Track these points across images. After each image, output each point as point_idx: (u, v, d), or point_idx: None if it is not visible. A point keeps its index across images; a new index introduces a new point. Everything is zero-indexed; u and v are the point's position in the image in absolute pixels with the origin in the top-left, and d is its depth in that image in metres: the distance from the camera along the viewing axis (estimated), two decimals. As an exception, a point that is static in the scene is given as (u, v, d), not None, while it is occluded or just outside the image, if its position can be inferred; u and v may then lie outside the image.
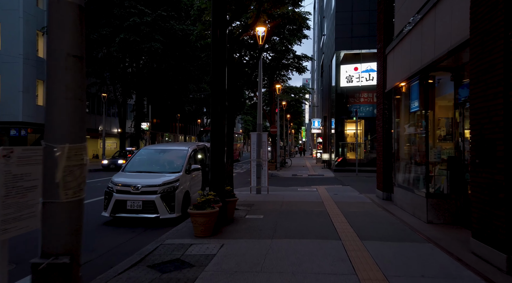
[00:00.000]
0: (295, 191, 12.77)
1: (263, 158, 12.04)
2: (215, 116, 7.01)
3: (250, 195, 11.47)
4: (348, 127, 26.55)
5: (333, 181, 17.51)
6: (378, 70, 11.12)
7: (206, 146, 10.71)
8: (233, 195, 7.80)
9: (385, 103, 10.37)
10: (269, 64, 25.66)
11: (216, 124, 7.02)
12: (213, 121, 7.03)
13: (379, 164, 10.85)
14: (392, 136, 10.00)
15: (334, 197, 10.91)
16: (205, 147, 10.72)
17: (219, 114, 7.01)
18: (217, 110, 7.01)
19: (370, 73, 24.03)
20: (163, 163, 9.05)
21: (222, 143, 7.11)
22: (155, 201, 7.67)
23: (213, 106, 7.02)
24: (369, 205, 9.44)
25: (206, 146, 10.71)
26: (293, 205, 9.51)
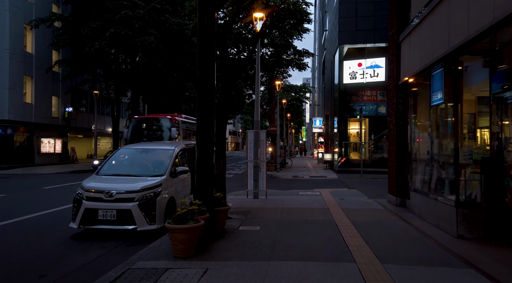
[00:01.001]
0: (297, 195, 11.58)
1: (261, 158, 10.84)
2: (202, 113, 5.84)
3: (246, 200, 10.27)
4: (352, 126, 25.36)
5: (337, 183, 16.31)
6: (389, 60, 9.92)
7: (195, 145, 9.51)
8: (224, 203, 6.60)
9: (398, 97, 9.17)
10: (269, 60, 24.48)
11: (203, 122, 5.84)
12: (200, 118, 5.86)
13: (391, 165, 9.65)
14: (408, 135, 8.80)
15: (340, 203, 9.72)
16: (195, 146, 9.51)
17: (206, 112, 5.84)
18: (205, 107, 5.84)
19: (375, 69, 22.84)
20: (145, 165, 7.85)
21: (210, 142, 5.92)
22: (132, 210, 6.47)
23: (200, 102, 5.85)
24: (382, 213, 8.24)
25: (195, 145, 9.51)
26: (295, 212, 8.31)
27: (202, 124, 5.84)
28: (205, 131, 5.84)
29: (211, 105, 5.88)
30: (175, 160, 7.82)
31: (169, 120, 17.22)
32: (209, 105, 5.86)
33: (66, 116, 28.35)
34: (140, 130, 17.03)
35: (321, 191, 12.39)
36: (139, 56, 27.71)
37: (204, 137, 5.86)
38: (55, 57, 26.94)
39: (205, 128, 5.84)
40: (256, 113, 10.83)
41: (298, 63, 25.75)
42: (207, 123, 5.84)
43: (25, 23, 23.91)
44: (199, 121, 5.90)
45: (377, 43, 21.71)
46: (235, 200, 10.36)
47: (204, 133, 5.84)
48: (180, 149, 8.28)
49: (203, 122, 5.84)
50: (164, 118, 17.48)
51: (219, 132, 7.70)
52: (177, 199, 7.53)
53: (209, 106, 5.85)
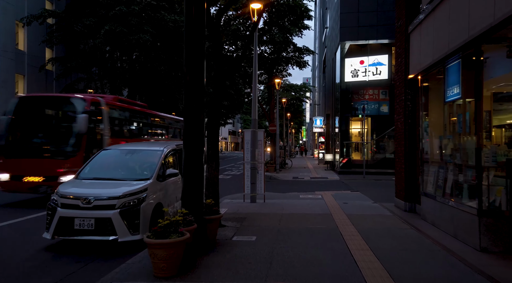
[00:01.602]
0: (297, 198, 10.86)
1: (258, 159, 10.13)
2: (190, 112, 5.14)
3: (242, 205, 9.56)
4: (353, 126, 24.63)
5: (339, 185, 15.59)
6: (397, 54, 9.20)
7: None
8: (215, 211, 5.88)
9: (407, 93, 8.45)
10: (268, 58, 23.76)
11: (191, 122, 5.14)
12: (188, 117, 5.16)
13: (399, 167, 8.94)
14: (418, 134, 8.08)
15: (344, 207, 9.00)
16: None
17: (195, 110, 5.13)
18: (193, 105, 5.13)
19: (377, 67, 22.13)
20: (130, 168, 7.13)
21: (199, 143, 5.20)
22: (113, 218, 5.75)
23: (188, 101, 5.15)
24: (390, 220, 7.52)
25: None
26: (295, 219, 7.60)
27: (190, 123, 5.14)
28: (193, 131, 5.14)
29: (200, 103, 5.17)
30: (164, 162, 7.11)
31: (78, 102, 10.36)
32: (198, 103, 5.16)
33: (60, 116, 27.60)
34: (27, 118, 10.61)
35: (323, 194, 11.68)
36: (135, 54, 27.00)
37: (191, 138, 5.15)
38: (48, 55, 26.20)
39: (193, 128, 5.13)
40: (254, 111, 10.12)
41: (298, 61, 25.02)
42: (196, 122, 5.14)
43: (16, 20, 23.19)
44: (186, 121, 5.20)
45: (380, 40, 20.99)
46: (231, 204, 9.65)
47: (192, 133, 5.14)
48: (170, 150, 7.56)
49: (191, 121, 5.13)
50: (70, 99, 10.67)
51: (211, 132, 7.00)
52: (166, 205, 6.82)
53: (198, 105, 5.15)
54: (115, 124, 12.70)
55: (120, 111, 13.23)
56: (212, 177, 6.92)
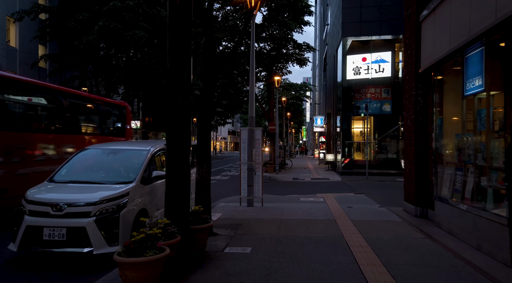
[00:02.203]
0: (297, 201, 10.14)
1: (256, 160, 9.40)
2: (174, 110, 4.44)
3: (238, 209, 8.83)
4: (355, 125, 23.93)
5: (342, 186, 14.86)
6: (406, 45, 8.47)
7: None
8: (205, 219, 5.14)
9: (418, 88, 7.72)
10: (267, 55, 23.01)
11: (175, 120, 4.44)
12: (171, 116, 4.46)
13: (408, 168, 8.21)
14: (431, 132, 7.36)
15: (348, 212, 8.28)
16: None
17: (180, 108, 4.43)
18: (177, 102, 4.43)
19: (380, 64, 21.42)
20: (111, 169, 6.40)
21: (184, 143, 4.49)
22: (87, 227, 5.03)
23: (171, 98, 4.47)
24: (401, 227, 6.79)
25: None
26: (296, 226, 6.87)
27: (174, 122, 4.43)
28: (178, 131, 4.44)
29: (185, 101, 4.47)
30: (150, 163, 6.38)
31: None
32: (184, 100, 4.46)
33: (54, 114, 26.85)
34: None
35: (325, 197, 10.96)
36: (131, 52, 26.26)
37: (175, 138, 4.44)
38: (41, 52, 25.47)
39: (178, 127, 4.43)
40: (251, 108, 9.39)
41: (298, 58, 24.28)
42: (181, 121, 4.44)
43: (7, 16, 22.45)
44: (169, 119, 4.50)
45: (383, 36, 20.26)
46: (226, 208, 8.92)
47: (176, 132, 4.43)
48: (157, 150, 6.83)
49: (174, 120, 4.43)
50: None
51: (202, 131, 6.27)
52: (153, 211, 6.09)
53: (183, 102, 4.45)
54: None
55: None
56: (203, 179, 6.19)
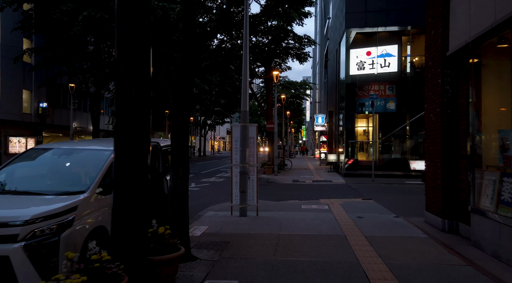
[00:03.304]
0: (298, 209, 8.76)
1: (250, 161, 8.03)
2: (125, 105, 3.12)
3: (229, 219, 7.45)
4: (359, 123, 22.60)
5: (346, 190, 13.49)
6: (429, 25, 7.09)
7: (158, 145, 6.73)
8: (172, 246, 3.75)
9: (446, 75, 6.35)
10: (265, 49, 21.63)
11: (127, 117, 3.11)
12: (121, 111, 3.12)
13: (432, 172, 6.84)
14: (464, 128, 5.98)
15: (360, 224, 6.91)
16: (157, 146, 6.73)
17: (134, 105, 3.12)
18: (130, 93, 3.10)
19: (386, 59, 20.05)
20: (61, 175, 5.01)
21: (139, 145, 3.16)
22: (12, 257, 3.65)
23: (123, 91, 3.13)
24: (429, 247, 5.41)
25: (158, 145, 6.73)
26: (297, 245, 5.50)
27: (124, 119, 3.10)
28: (130, 130, 3.12)
29: (141, 94, 3.13)
30: (111, 166, 4.99)
31: None
32: (140, 94, 3.12)
33: (40, 112, 25.44)
34: None
35: (330, 203, 9.58)
36: None
37: (125, 138, 3.10)
38: (27, 46, 24.07)
39: (129, 125, 3.12)
40: (244, 101, 8.01)
41: (298, 54, 22.91)
42: (135, 118, 3.10)
43: (-12, 7, 21.08)
44: (119, 116, 3.15)
45: (390, 27, 18.88)
46: (215, 218, 7.55)
47: (126, 132, 3.11)
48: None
49: (125, 117, 3.09)
50: None
51: (178, 128, 4.89)
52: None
53: (138, 94, 3.11)
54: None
55: None
56: (179, 188, 4.81)
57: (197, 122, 52.09)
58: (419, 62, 20.79)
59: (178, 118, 4.85)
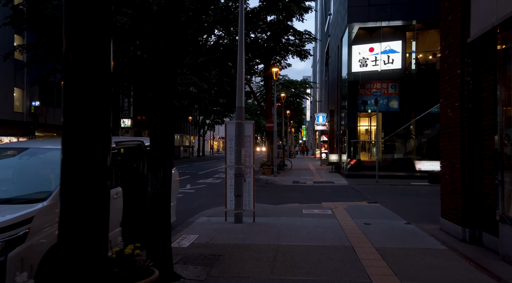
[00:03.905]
0: (299, 214, 8.02)
1: (246, 162, 7.30)
2: (75, 100, 2.38)
3: (222, 227, 6.71)
4: (362, 122, 21.88)
5: (350, 192, 12.75)
6: (445, 10, 6.35)
7: (142, 144, 6.01)
8: (144, 269, 3.01)
9: (467, 65, 5.61)
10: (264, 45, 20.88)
11: (75, 116, 2.38)
12: (70, 106, 2.39)
13: (449, 174, 6.10)
14: (489, 124, 5.24)
15: (368, 233, 6.17)
16: (141, 145, 6.01)
17: (87, 101, 2.38)
18: (82, 88, 2.39)
19: (389, 55, 19.32)
20: (18, 180, 4.29)
21: (99, 146, 2.42)
22: None
23: (71, 81, 2.39)
24: (452, 262, 4.67)
25: (142, 144, 6.01)
26: (298, 260, 4.76)
27: (74, 118, 2.37)
28: (81, 129, 2.37)
29: (98, 90, 2.40)
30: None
31: None
32: (95, 89, 2.39)
33: (33, 111, 24.68)
34: None
35: (333, 207, 8.85)
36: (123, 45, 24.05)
37: (76, 138, 2.37)
38: (18, 43, 23.33)
39: (81, 123, 2.36)
40: (239, 96, 7.25)
41: (298, 50, 22.17)
42: (87, 116, 2.36)
43: (-23, 1, 20.34)
44: (68, 114, 2.42)
45: (394, 21, 18.14)
46: (207, 225, 6.81)
47: (76, 131, 2.36)
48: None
49: (75, 115, 2.36)
50: None
51: (158, 124, 4.14)
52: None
53: (93, 89, 2.39)
54: None
55: None
56: (158, 194, 4.06)
57: (196, 122, 51.39)
58: (424, 59, 20.08)
59: (158, 112, 4.11)
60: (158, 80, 4.11)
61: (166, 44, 4.15)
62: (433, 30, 19.80)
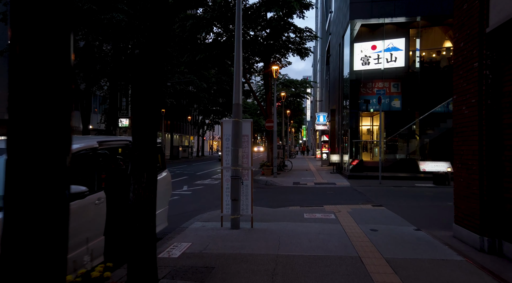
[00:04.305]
0: (300, 219, 7.52)
1: (243, 164, 6.80)
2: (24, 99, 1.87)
3: (218, 233, 6.21)
4: (364, 122, 21.40)
5: (353, 194, 12.25)
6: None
7: (130, 144, 5.51)
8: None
9: (485, 57, 5.11)
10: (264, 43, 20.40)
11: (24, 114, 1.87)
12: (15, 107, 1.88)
13: (465, 177, 5.60)
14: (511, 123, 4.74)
15: (376, 241, 5.67)
16: (129, 145, 5.52)
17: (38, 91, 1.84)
18: (31, 84, 1.86)
19: (392, 53, 18.84)
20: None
21: (54, 147, 1.90)
22: None
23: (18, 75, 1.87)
24: (472, 277, 4.16)
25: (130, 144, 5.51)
26: (300, 274, 4.25)
27: (22, 112, 1.87)
28: (31, 126, 1.85)
29: (53, 86, 1.90)
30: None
31: None
32: (49, 86, 1.89)
33: (28, 110, 24.15)
34: None
35: (336, 211, 8.35)
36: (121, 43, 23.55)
37: (25, 137, 1.86)
38: (13, 41, 22.85)
39: (33, 120, 1.85)
40: (236, 92, 6.75)
41: (299, 49, 21.67)
42: (39, 111, 1.86)
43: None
44: (12, 106, 1.91)
45: (397, 18, 17.66)
46: (201, 232, 6.32)
47: (25, 131, 1.85)
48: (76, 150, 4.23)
49: (23, 109, 1.86)
50: None
51: (141, 122, 3.64)
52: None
53: (46, 86, 1.88)
54: None
55: None
56: (141, 201, 3.55)
57: (195, 122, 50.89)
58: (427, 57, 19.58)
59: (141, 107, 3.61)
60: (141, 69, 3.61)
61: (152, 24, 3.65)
62: (437, 27, 19.32)
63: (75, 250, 3.78)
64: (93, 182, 4.47)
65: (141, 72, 3.64)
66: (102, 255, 4.51)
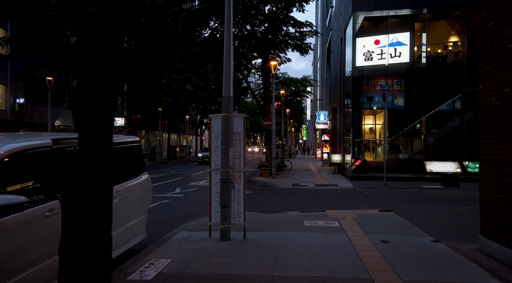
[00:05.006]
0: (300, 228, 6.64)
1: (235, 165, 5.93)
2: None
3: (204, 246, 5.34)
4: (366, 121, 20.52)
5: (357, 197, 11.37)
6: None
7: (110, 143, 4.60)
8: None
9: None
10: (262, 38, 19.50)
11: None
12: None
13: (494, 181, 4.73)
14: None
15: (388, 256, 4.80)
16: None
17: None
18: None
19: (396, 48, 17.98)
20: None
21: None
22: None
23: None
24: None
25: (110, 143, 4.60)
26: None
27: None
28: None
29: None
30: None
31: None
32: None
33: (17, 109, 23.32)
34: None
35: (340, 218, 7.48)
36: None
37: None
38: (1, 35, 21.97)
39: None
40: (226, 83, 5.87)
41: (299, 45, 20.77)
42: None
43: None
44: None
45: (402, 10, 16.79)
46: (185, 244, 5.44)
47: None
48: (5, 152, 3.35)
49: None
50: None
51: (88, 115, 2.77)
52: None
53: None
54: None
55: None
56: (89, 217, 2.68)
57: (193, 121, 50.00)
58: (433, 52, 18.69)
59: (88, 97, 2.74)
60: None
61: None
62: (443, 21, 18.43)
63: (26, 271, 2.92)
64: (42, 189, 3.60)
65: (90, 56, 2.78)
66: (55, 279, 3.65)
